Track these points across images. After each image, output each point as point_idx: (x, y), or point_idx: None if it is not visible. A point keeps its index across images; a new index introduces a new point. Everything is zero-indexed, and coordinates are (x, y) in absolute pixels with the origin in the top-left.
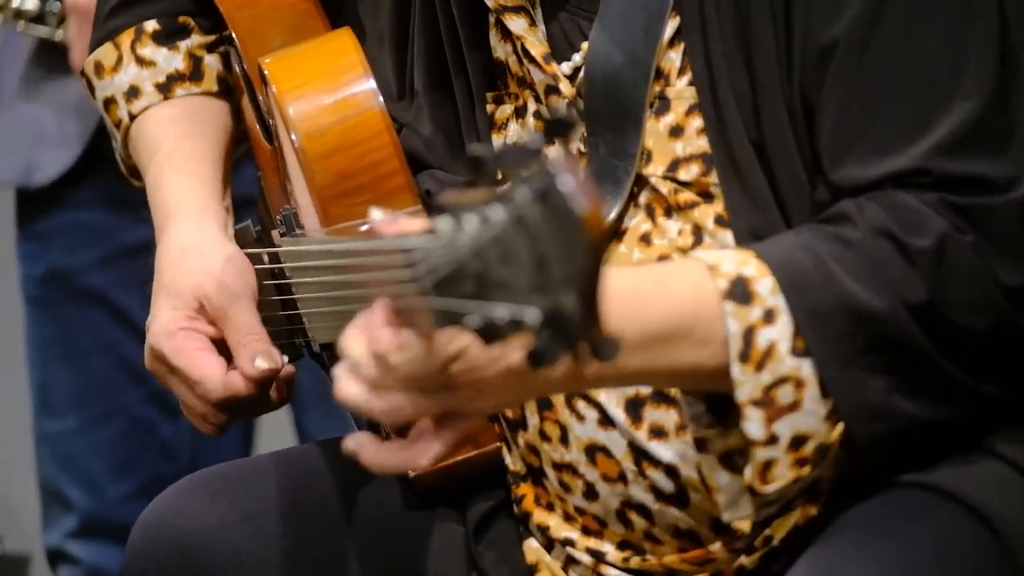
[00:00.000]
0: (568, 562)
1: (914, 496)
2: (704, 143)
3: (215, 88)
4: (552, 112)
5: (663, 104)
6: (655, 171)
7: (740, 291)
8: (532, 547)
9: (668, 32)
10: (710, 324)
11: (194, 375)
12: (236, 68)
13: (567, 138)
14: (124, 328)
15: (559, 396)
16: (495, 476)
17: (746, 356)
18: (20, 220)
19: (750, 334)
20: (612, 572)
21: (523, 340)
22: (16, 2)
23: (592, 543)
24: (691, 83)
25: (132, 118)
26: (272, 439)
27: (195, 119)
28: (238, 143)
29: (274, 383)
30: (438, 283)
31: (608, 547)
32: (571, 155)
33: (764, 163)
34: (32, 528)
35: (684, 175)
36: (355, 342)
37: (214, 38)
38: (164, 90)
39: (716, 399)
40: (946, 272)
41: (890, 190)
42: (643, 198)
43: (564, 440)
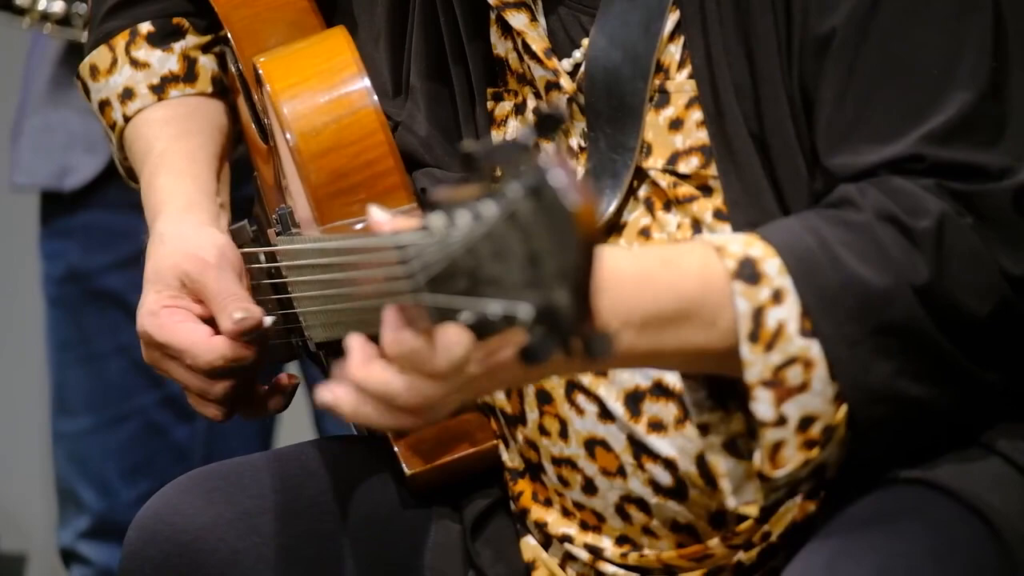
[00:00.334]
0: (565, 559)
1: (912, 492)
2: (704, 136)
3: (209, 89)
4: (547, 107)
5: (663, 97)
6: (655, 164)
7: (748, 271)
8: (529, 544)
9: (668, 26)
10: (718, 305)
11: (180, 345)
12: (232, 68)
13: (557, 133)
14: None
15: (558, 391)
16: (492, 474)
17: (756, 336)
18: (44, 217)
19: (759, 314)
20: (610, 568)
21: (516, 336)
22: (43, 5)
23: (590, 538)
24: (691, 76)
25: (127, 120)
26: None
27: (189, 120)
28: (236, 143)
29: (260, 342)
30: (431, 280)
31: (606, 542)
32: (563, 150)
33: (764, 155)
34: (29, 528)
35: (684, 168)
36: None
37: (209, 39)
38: (158, 91)
39: (717, 386)
40: (947, 252)
41: (886, 176)
42: (642, 192)
43: (564, 434)
